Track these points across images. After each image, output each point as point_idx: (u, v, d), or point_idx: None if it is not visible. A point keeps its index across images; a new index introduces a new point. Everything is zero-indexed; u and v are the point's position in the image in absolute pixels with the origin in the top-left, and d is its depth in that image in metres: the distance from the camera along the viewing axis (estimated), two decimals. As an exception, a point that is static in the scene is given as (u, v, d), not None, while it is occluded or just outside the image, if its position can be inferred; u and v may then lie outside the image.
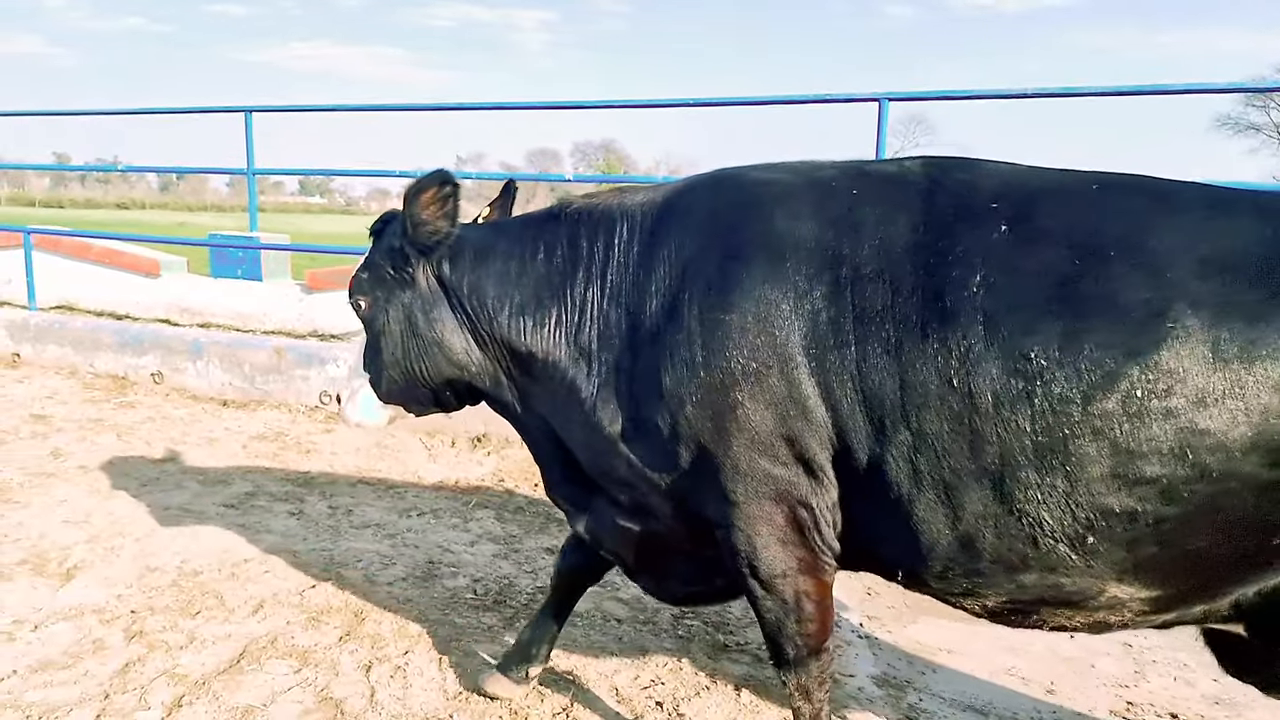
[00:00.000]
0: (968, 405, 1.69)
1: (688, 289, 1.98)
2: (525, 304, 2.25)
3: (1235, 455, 1.56)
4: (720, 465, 1.96)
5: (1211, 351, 1.56)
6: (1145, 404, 1.58)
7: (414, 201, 2.23)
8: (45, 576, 3.37)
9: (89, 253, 8.11)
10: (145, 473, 4.63)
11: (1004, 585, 1.81)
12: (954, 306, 1.72)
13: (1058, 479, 1.65)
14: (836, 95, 5.26)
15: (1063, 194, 1.82)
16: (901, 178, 1.95)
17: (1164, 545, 1.66)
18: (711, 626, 3.23)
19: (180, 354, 6.28)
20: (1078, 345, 1.63)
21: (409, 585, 3.47)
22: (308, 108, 7.34)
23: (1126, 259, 1.66)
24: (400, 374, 2.41)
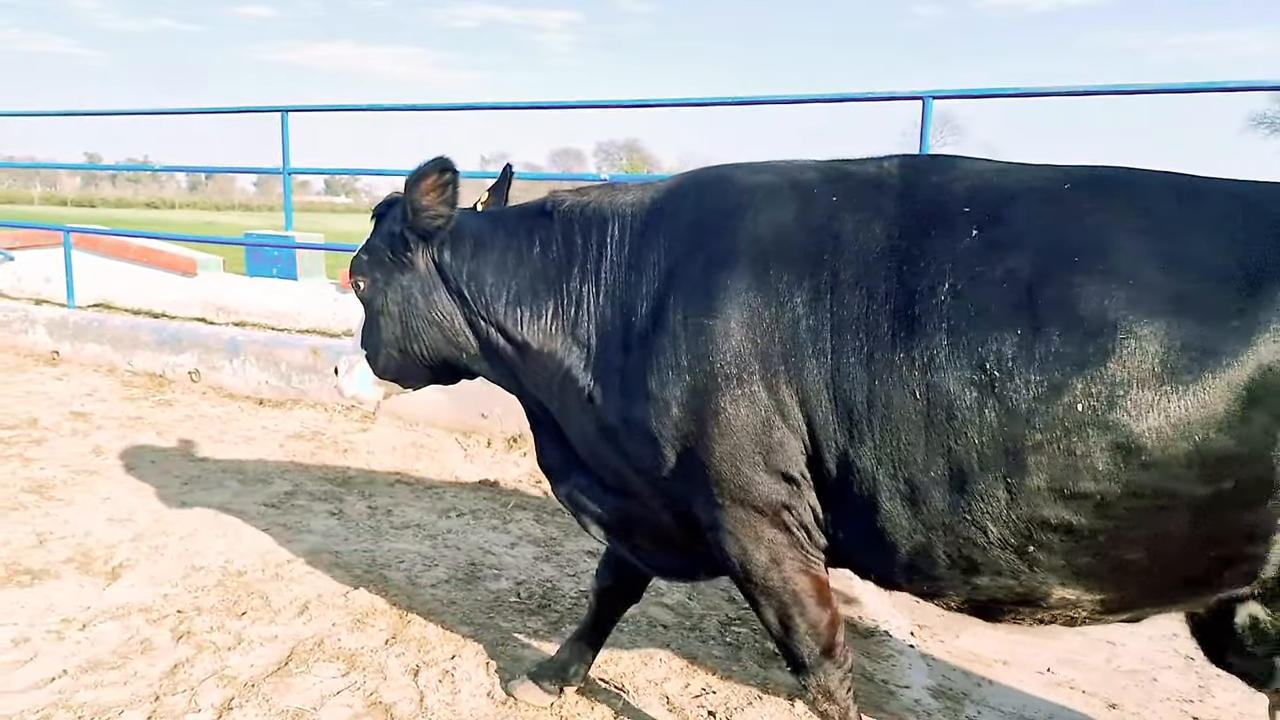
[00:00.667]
0: (926, 415, 1.72)
1: (674, 293, 2.01)
2: (522, 294, 2.30)
3: (1172, 470, 1.57)
4: (705, 468, 1.98)
5: (1159, 363, 1.56)
6: (1085, 417, 1.59)
7: (415, 188, 2.27)
8: (91, 575, 3.38)
9: (126, 251, 8.19)
10: (186, 471, 4.65)
11: (961, 587, 1.86)
12: (921, 315, 1.74)
13: (1000, 489, 1.67)
14: (879, 94, 5.18)
15: (1033, 196, 1.80)
16: (880, 181, 1.95)
17: (1100, 556, 1.68)
18: (760, 634, 3.16)
19: (217, 352, 6.32)
20: (1030, 356, 1.63)
21: (452, 588, 3.44)
22: (343, 107, 7.36)
23: (1088, 265, 1.65)
24: (398, 352, 2.49)
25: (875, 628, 3.29)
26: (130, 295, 7.84)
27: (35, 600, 3.13)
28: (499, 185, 2.72)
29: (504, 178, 2.74)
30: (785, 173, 2.08)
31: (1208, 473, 1.56)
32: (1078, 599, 1.77)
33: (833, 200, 1.94)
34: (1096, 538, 1.65)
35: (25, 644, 2.84)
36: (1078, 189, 1.78)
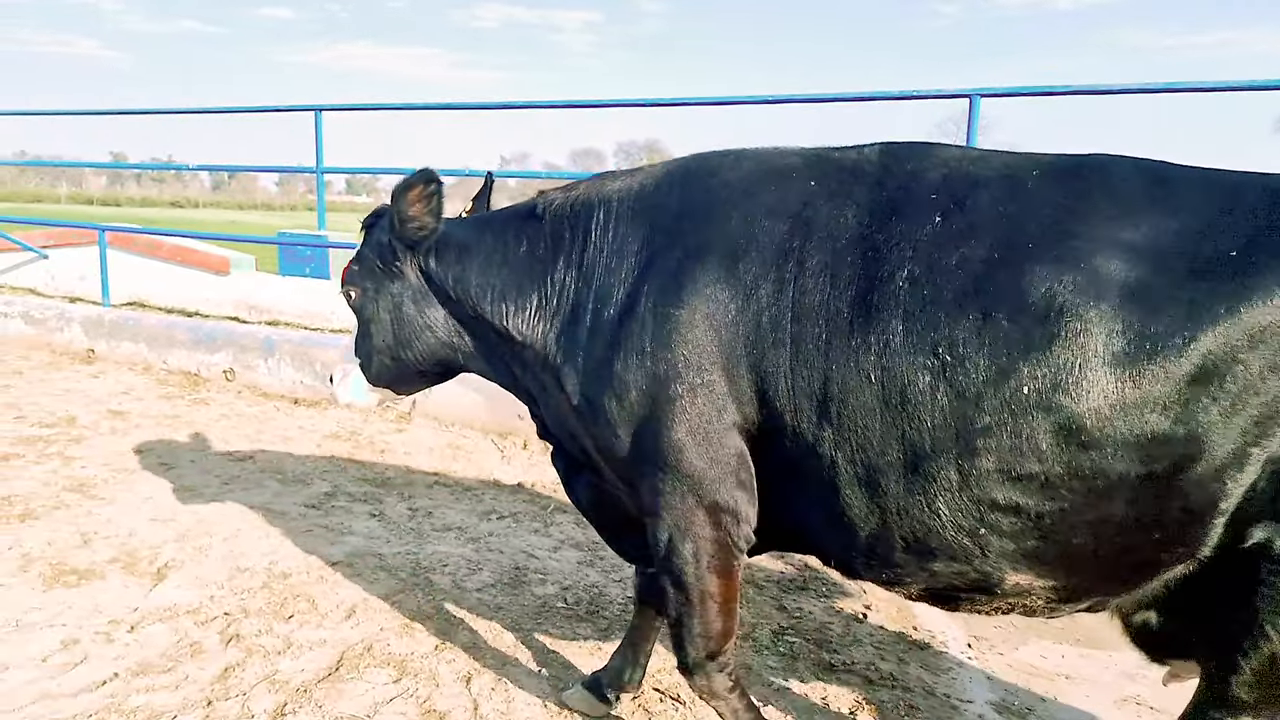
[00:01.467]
0: (881, 400, 1.75)
1: (648, 282, 2.05)
2: (506, 290, 2.35)
3: (1113, 453, 1.58)
4: (655, 454, 2.03)
5: (1103, 348, 1.57)
6: (1030, 400, 1.61)
7: (401, 199, 2.34)
8: (137, 575, 3.36)
9: (160, 250, 8.23)
10: (226, 470, 4.63)
11: (918, 573, 1.87)
12: (879, 301, 1.76)
13: (952, 472, 1.70)
14: (925, 92, 5.09)
15: (1000, 183, 1.80)
16: (857, 167, 1.96)
17: (1048, 539, 1.69)
18: (814, 644, 3.09)
19: (252, 351, 6.31)
20: (979, 341, 1.66)
21: (498, 592, 3.39)
22: (376, 106, 7.35)
23: (1044, 251, 1.66)
24: (390, 358, 2.57)
25: (931, 639, 3.21)
26: (163, 294, 7.87)
27: (82, 601, 3.12)
28: (481, 194, 2.77)
29: (486, 186, 2.78)
30: (767, 161, 2.10)
31: (1147, 456, 1.58)
32: (1030, 585, 1.79)
33: (810, 187, 1.97)
34: (1044, 520, 1.67)
35: (75, 646, 2.81)
36: (1047, 176, 1.78)
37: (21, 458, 4.63)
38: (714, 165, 2.18)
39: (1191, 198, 1.67)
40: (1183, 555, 1.68)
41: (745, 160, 2.14)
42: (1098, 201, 1.71)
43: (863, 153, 2.00)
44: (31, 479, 4.30)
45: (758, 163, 2.11)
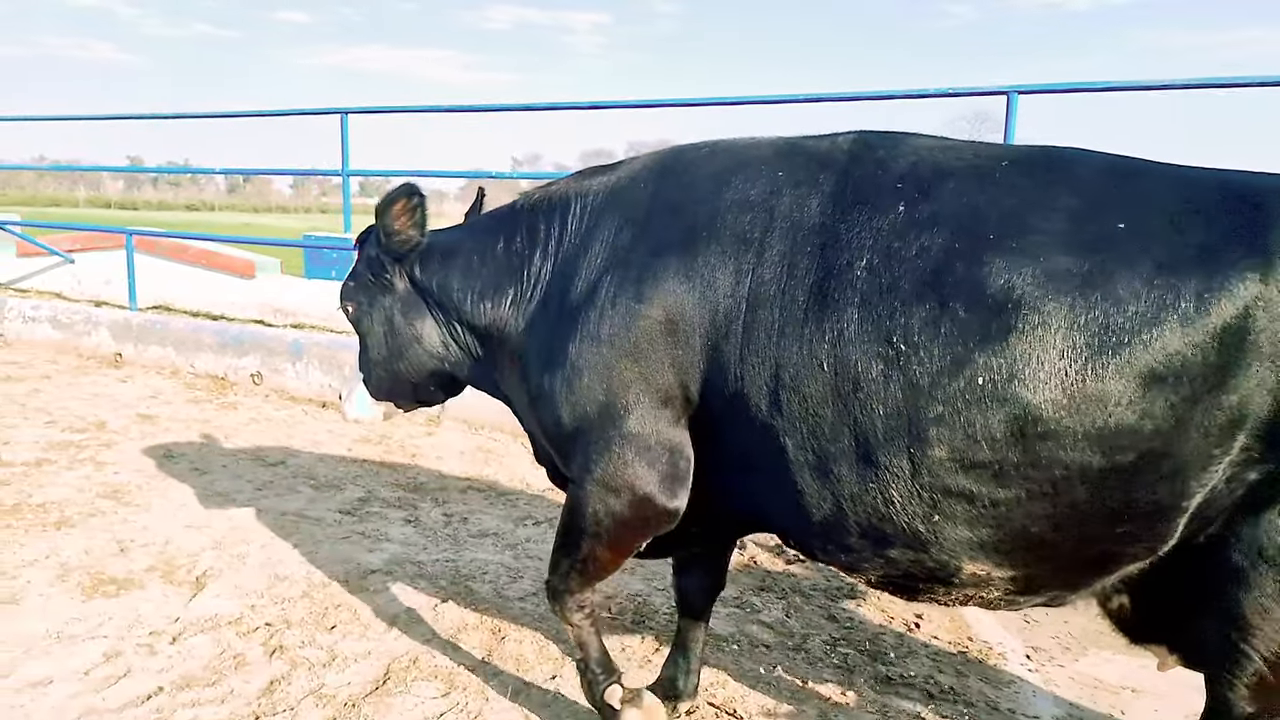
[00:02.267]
0: (834, 387, 1.75)
1: (613, 273, 2.09)
2: (485, 290, 2.41)
3: (1071, 445, 1.57)
4: (596, 436, 2.09)
5: (1061, 340, 1.56)
6: (984, 391, 1.60)
7: (385, 214, 2.42)
8: (175, 584, 3.31)
9: (185, 254, 8.22)
10: (258, 476, 4.59)
11: (875, 559, 1.87)
12: (835, 290, 1.76)
13: (904, 460, 1.69)
14: (963, 89, 4.99)
15: (966, 174, 1.79)
16: (827, 157, 1.96)
17: (1004, 529, 1.68)
18: (869, 655, 3.01)
19: (280, 355, 6.28)
20: (934, 331, 1.65)
21: (541, 601, 3.32)
22: (400, 109, 7.31)
23: (1004, 242, 1.65)
24: (386, 372, 2.62)
25: (988, 650, 3.11)
26: (189, 297, 7.86)
27: (122, 611, 3.07)
28: (474, 206, 2.84)
29: (478, 200, 2.85)
30: (738, 153, 2.11)
31: (1107, 449, 1.56)
32: (988, 575, 1.77)
33: (777, 177, 1.97)
34: (999, 509, 1.66)
35: (117, 658, 2.76)
36: (1014, 168, 1.77)
37: (54, 463, 4.60)
38: (687, 159, 2.20)
39: (1157, 194, 1.65)
40: (1146, 550, 1.66)
41: (718, 153, 2.15)
42: (1062, 195, 1.69)
43: (835, 142, 2.00)
44: (65, 485, 4.27)
45: (729, 155, 2.11)
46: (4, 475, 4.36)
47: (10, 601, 3.08)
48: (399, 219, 2.43)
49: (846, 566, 1.98)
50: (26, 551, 3.50)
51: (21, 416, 5.48)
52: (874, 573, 1.93)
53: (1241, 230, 1.55)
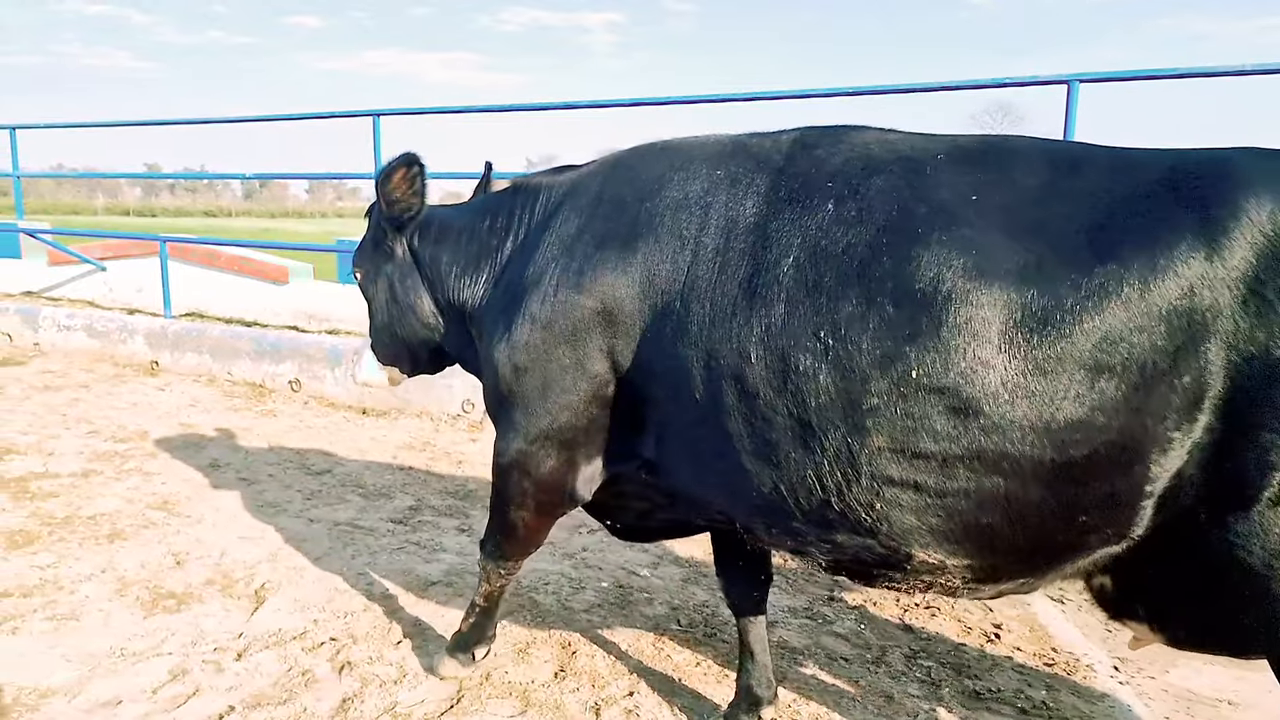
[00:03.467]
0: (762, 381, 1.78)
1: (560, 261, 2.18)
2: (466, 267, 2.53)
3: (1015, 435, 1.55)
4: (526, 407, 2.22)
5: (996, 331, 1.54)
6: (919, 383, 1.59)
7: (386, 182, 2.54)
8: (235, 598, 3.25)
9: (218, 260, 8.19)
10: (305, 485, 4.53)
11: (821, 544, 1.88)
12: (763, 286, 1.80)
13: (841, 449, 1.70)
14: (1022, 79, 4.86)
15: (900, 167, 1.78)
16: (766, 156, 1.99)
17: (953, 517, 1.67)
18: (953, 669, 2.90)
19: (319, 361, 6.23)
20: (863, 325, 1.65)
21: (607, 613, 3.24)
22: (431, 110, 7.24)
23: (930, 235, 1.64)
24: (388, 336, 2.75)
25: (1075, 662, 3.00)
26: (223, 304, 7.83)
27: (185, 627, 3.01)
28: (481, 183, 2.95)
29: (485, 176, 2.94)
30: (684, 152, 2.15)
31: (1057, 439, 1.53)
32: (942, 563, 1.75)
33: (717, 176, 2.01)
34: (946, 499, 1.65)
35: (185, 676, 2.70)
36: (951, 160, 1.76)
37: (101, 474, 4.56)
38: (639, 156, 2.28)
39: (1097, 179, 1.62)
40: (1111, 537, 1.63)
41: (668, 152, 2.21)
42: (997, 184, 1.67)
43: (777, 140, 2.03)
44: (115, 496, 4.23)
45: (675, 154, 2.17)
46: (52, 487, 4.33)
47: (71, 617, 3.03)
48: (399, 188, 2.53)
49: (795, 551, 1.98)
50: (83, 565, 3.45)
51: (63, 426, 5.45)
52: (823, 557, 1.93)
53: (1186, 211, 1.50)
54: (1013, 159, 1.72)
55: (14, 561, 3.45)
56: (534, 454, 2.27)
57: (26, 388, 6.43)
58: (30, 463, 4.69)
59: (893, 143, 1.87)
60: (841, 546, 1.85)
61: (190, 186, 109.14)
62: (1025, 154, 1.73)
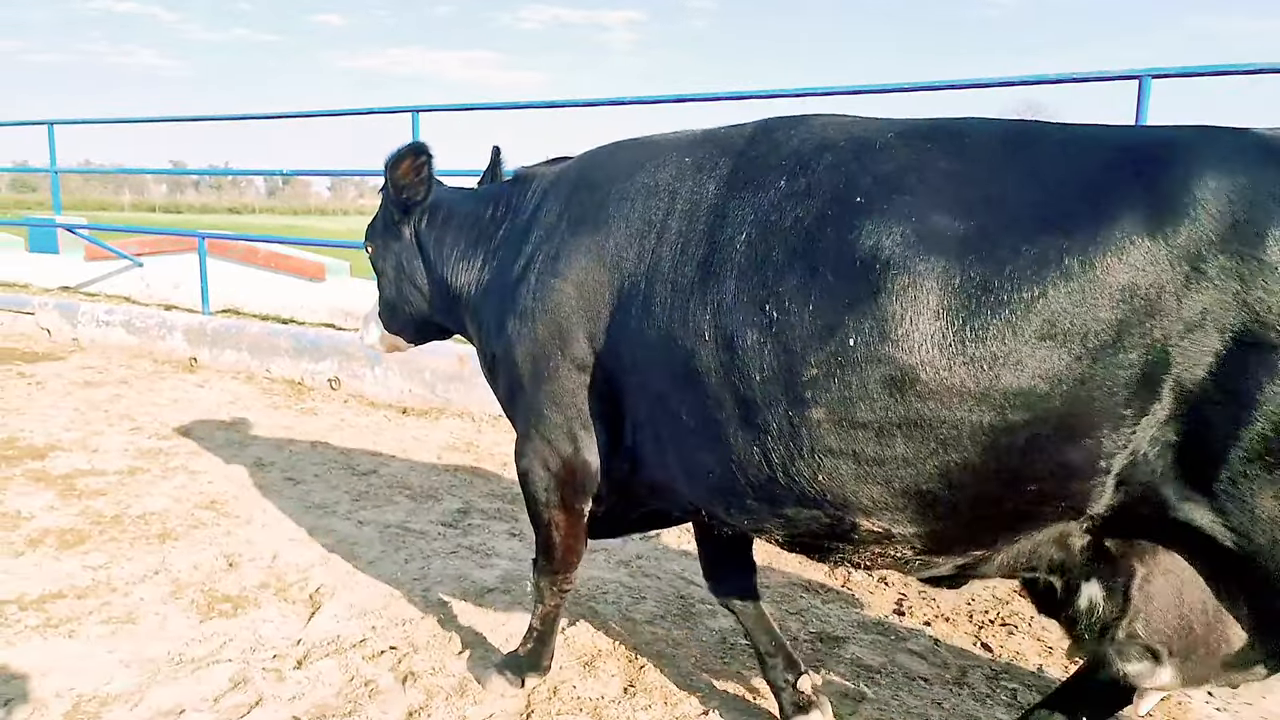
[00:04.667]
0: (715, 355, 1.81)
1: (541, 250, 2.27)
2: (467, 250, 2.65)
3: (955, 404, 1.55)
4: (528, 402, 2.29)
5: (935, 301, 1.54)
6: (857, 353, 1.60)
7: (394, 169, 2.67)
8: (290, 602, 3.18)
9: (255, 257, 8.17)
10: (352, 485, 4.46)
11: (774, 519, 1.90)
12: (717, 264, 1.84)
13: (783, 421, 1.72)
14: (1089, 74, 4.71)
15: (848, 146, 1.81)
16: (729, 142, 2.04)
17: (892, 485, 1.67)
18: (1039, 692, 2.78)
19: (359, 360, 6.17)
20: (805, 296, 1.68)
21: (670, 625, 3.14)
22: (469, 106, 7.17)
23: (871, 208, 1.66)
24: (393, 309, 2.93)
25: (1164, 685, 2.86)
26: (259, 300, 7.80)
27: (242, 632, 2.94)
28: (491, 167, 3.05)
29: (494, 160, 3.03)
30: (656, 143, 2.22)
31: (996, 408, 1.53)
32: (887, 532, 1.76)
33: (684, 163, 2.06)
34: (885, 467, 1.66)
35: (246, 685, 2.63)
36: (900, 138, 1.77)
37: (147, 472, 4.52)
38: (616, 147, 2.36)
39: (1048, 156, 1.62)
40: (1065, 510, 1.61)
41: (643, 144, 2.28)
42: (942, 159, 1.68)
43: (742, 129, 2.07)
44: (163, 495, 4.18)
45: (650, 145, 2.24)
46: (99, 484, 4.29)
47: (127, 620, 2.97)
48: (407, 174, 2.67)
49: (752, 529, 2.01)
50: (135, 566, 3.39)
51: (106, 423, 5.43)
52: (778, 533, 1.95)
53: (1132, 187, 1.49)
54: (963, 135, 1.73)
55: (66, 562, 3.40)
56: (542, 448, 2.32)
57: (67, 383, 6.43)
58: (75, 459, 4.66)
59: (847, 125, 1.90)
60: (793, 521, 1.87)
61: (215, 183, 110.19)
62: (976, 131, 1.74)
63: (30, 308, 8.12)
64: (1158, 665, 1.67)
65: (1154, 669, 1.68)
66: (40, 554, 3.47)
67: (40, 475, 4.38)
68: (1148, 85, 4.46)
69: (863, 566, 1.96)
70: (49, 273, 9.97)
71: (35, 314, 8.07)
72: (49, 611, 3.01)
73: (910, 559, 1.84)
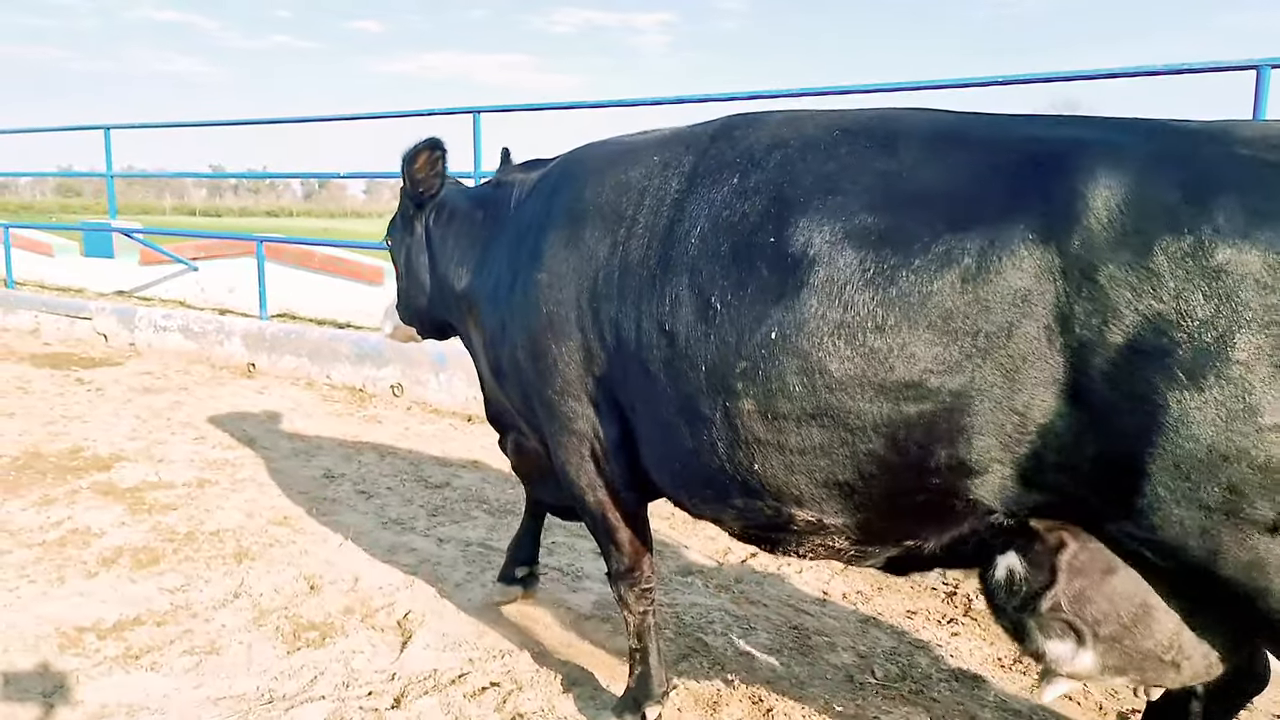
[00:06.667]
0: (670, 346, 1.87)
1: (524, 249, 2.32)
2: (464, 254, 2.70)
3: (860, 396, 1.60)
4: (542, 402, 2.28)
5: (849, 295, 1.60)
6: (778, 345, 1.67)
7: (410, 164, 2.70)
8: (379, 630, 2.98)
9: (311, 260, 8.05)
10: (428, 500, 4.27)
11: (728, 509, 1.97)
12: (675, 259, 1.89)
13: (721, 413, 1.79)
14: (1203, 64, 4.37)
15: (797, 143, 1.84)
16: (695, 140, 2.07)
17: (814, 475, 1.73)
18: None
19: (422, 366, 6.00)
20: (742, 290, 1.74)
21: (789, 660, 2.89)
22: (530, 106, 6.98)
23: (808, 204, 1.71)
24: (407, 301, 2.98)
25: (1356, 737, 2.55)
26: (315, 305, 7.67)
27: (332, 664, 2.74)
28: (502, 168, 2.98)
29: (504, 162, 3.00)
30: (633, 142, 2.25)
31: (895, 401, 1.57)
32: (820, 522, 1.81)
33: (653, 161, 2.09)
34: (806, 457, 1.71)
35: (344, 725, 2.42)
36: (844, 134, 1.80)
37: (216, 484, 4.36)
38: (589, 150, 2.40)
39: (966, 153, 1.64)
40: (974, 506, 1.62)
41: (615, 143, 2.32)
42: (876, 155, 1.71)
43: (709, 125, 2.10)
44: (234, 510, 4.01)
45: (625, 144, 2.27)
46: (170, 498, 4.13)
47: (211, 651, 2.78)
48: (423, 169, 2.70)
49: (714, 519, 2.07)
50: (214, 589, 3.22)
51: (169, 431, 5.30)
52: (734, 523, 2.01)
53: (1033, 189, 1.50)
54: (898, 131, 1.75)
55: (142, 584, 3.24)
56: (572, 441, 2.28)
57: (126, 389, 6.33)
58: (142, 471, 4.52)
59: (799, 120, 1.93)
60: (741, 511, 1.93)
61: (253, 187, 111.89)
62: (911, 126, 1.76)
63: (87, 312, 8.08)
64: (1080, 647, 1.61)
65: (1075, 651, 1.61)
66: (114, 575, 3.31)
67: (108, 488, 4.24)
68: (1266, 74, 4.11)
69: (807, 557, 1.99)
70: (104, 277, 9.96)
71: (92, 319, 8.02)
72: (128, 640, 2.84)
73: (846, 549, 1.89)
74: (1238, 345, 1.29)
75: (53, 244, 11.09)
